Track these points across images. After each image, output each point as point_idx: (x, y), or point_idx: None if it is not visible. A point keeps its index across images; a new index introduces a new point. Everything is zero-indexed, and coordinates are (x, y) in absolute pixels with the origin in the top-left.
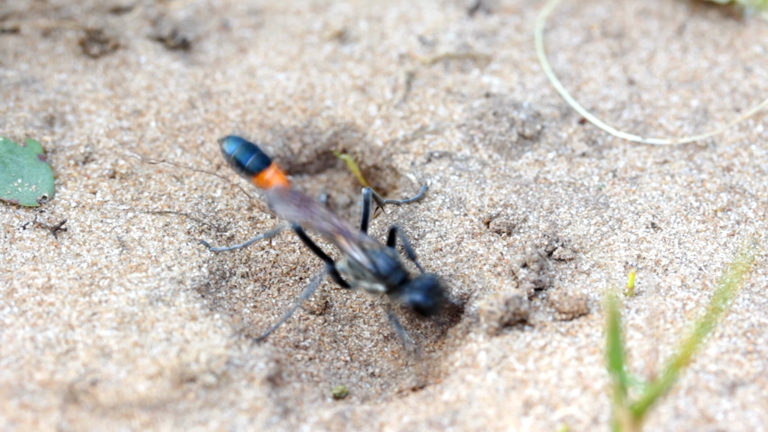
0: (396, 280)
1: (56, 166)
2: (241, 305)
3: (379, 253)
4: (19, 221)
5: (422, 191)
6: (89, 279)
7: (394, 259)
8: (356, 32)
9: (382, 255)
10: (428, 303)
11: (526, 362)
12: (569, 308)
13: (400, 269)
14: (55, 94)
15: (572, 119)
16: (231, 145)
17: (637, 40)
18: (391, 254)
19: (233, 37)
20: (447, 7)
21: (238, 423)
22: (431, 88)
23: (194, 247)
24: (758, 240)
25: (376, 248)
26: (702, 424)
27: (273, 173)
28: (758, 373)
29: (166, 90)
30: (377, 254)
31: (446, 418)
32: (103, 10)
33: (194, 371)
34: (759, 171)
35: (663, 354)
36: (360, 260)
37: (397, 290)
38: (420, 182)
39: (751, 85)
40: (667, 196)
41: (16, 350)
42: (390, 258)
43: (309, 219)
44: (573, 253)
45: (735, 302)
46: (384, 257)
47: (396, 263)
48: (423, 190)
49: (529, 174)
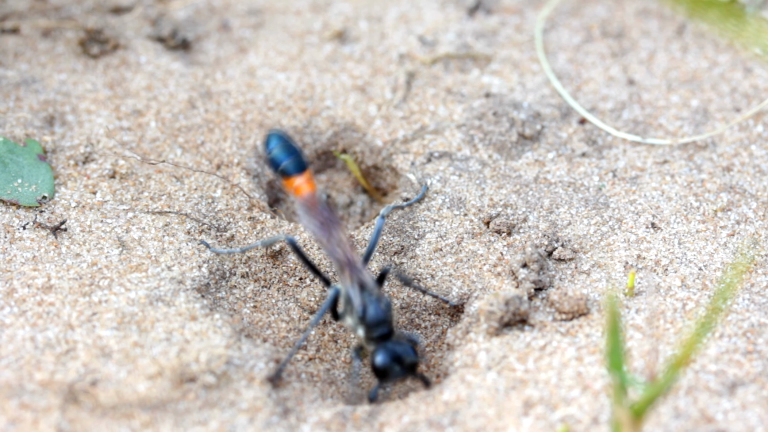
0: (376, 333)
1: (56, 166)
2: (241, 305)
3: (374, 300)
4: (19, 221)
5: (423, 191)
6: (89, 279)
7: (385, 313)
8: (356, 32)
9: (375, 304)
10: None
11: (526, 362)
12: (569, 308)
13: (385, 325)
14: (55, 94)
15: (572, 119)
16: (272, 141)
17: (637, 40)
18: (384, 306)
19: (233, 37)
20: (447, 7)
21: (238, 423)
22: (431, 88)
23: (194, 247)
24: (758, 240)
25: (375, 295)
26: (702, 424)
27: (303, 181)
28: (758, 373)
29: (166, 90)
30: (372, 301)
31: (446, 418)
32: (103, 10)
33: (194, 371)
34: (759, 171)
35: (663, 354)
36: (353, 299)
37: (373, 342)
38: (420, 182)
39: (751, 85)
40: (667, 196)
41: (16, 350)
42: (381, 310)
43: (325, 241)
44: (573, 253)
45: (735, 302)
46: (376, 307)
47: (384, 318)
48: (423, 190)
49: (529, 174)
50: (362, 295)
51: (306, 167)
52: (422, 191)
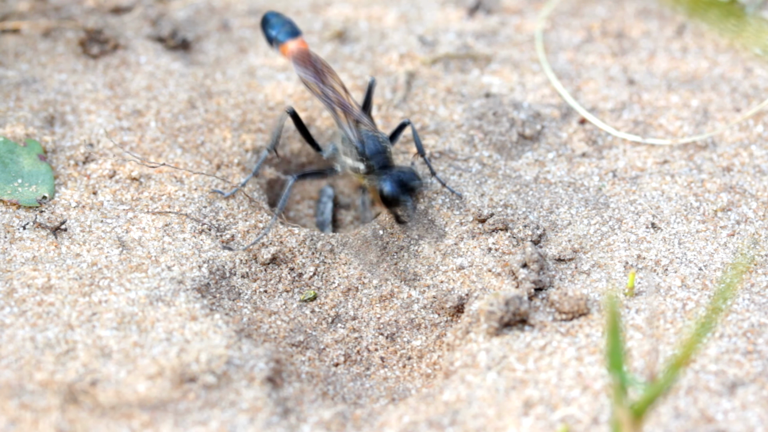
0: (377, 163)
1: (56, 166)
2: (241, 305)
3: (371, 135)
4: (19, 221)
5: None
6: (89, 279)
7: (382, 144)
8: (356, 32)
9: (372, 137)
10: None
11: (526, 362)
12: (569, 308)
13: (383, 154)
14: (55, 94)
15: (572, 119)
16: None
17: (637, 40)
18: (381, 139)
19: (233, 37)
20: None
21: (238, 423)
22: (431, 88)
23: (194, 246)
24: (758, 240)
25: (370, 130)
26: (702, 424)
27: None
28: (758, 373)
29: (166, 90)
30: (368, 135)
31: (446, 418)
32: (103, 10)
33: (194, 371)
34: (759, 171)
35: (663, 354)
36: (351, 136)
37: (375, 174)
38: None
39: (751, 85)
40: (667, 196)
41: (16, 350)
42: (379, 142)
43: (319, 83)
44: (573, 253)
45: (735, 302)
46: (373, 140)
47: (382, 147)
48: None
49: (529, 174)
50: (359, 132)
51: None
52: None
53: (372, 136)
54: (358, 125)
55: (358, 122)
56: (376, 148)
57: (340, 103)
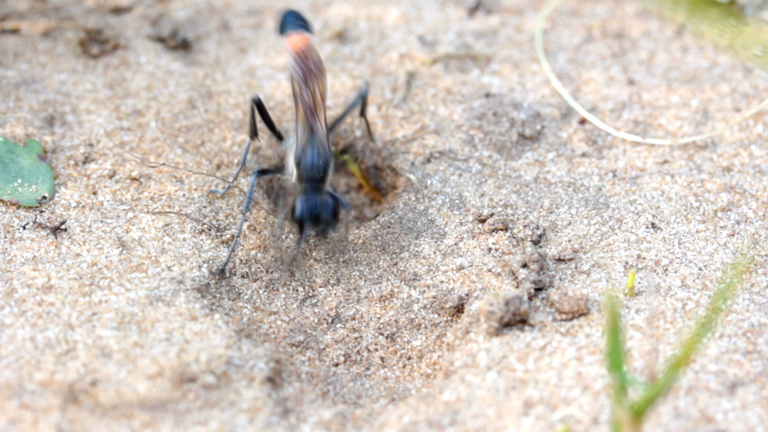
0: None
1: (56, 166)
2: (241, 305)
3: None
4: (19, 221)
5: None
6: (89, 279)
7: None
8: (356, 32)
9: (314, 154)
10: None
11: (526, 362)
12: (569, 308)
13: (315, 176)
14: (55, 94)
15: (572, 119)
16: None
17: (637, 40)
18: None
19: (233, 37)
20: (447, 7)
21: (238, 423)
22: (431, 88)
23: (194, 246)
24: (758, 240)
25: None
26: (702, 424)
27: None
28: (758, 373)
29: (166, 90)
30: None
31: (446, 418)
32: (103, 10)
33: (194, 371)
34: (759, 171)
35: (663, 354)
36: (298, 140)
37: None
38: (420, 182)
39: (751, 85)
40: (667, 196)
41: (16, 350)
42: (318, 162)
43: (302, 85)
44: (573, 253)
45: (735, 302)
46: (314, 157)
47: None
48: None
49: (529, 174)
50: (308, 139)
51: (307, 29)
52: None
53: (315, 154)
54: (313, 133)
55: (313, 131)
56: (310, 167)
57: (306, 107)
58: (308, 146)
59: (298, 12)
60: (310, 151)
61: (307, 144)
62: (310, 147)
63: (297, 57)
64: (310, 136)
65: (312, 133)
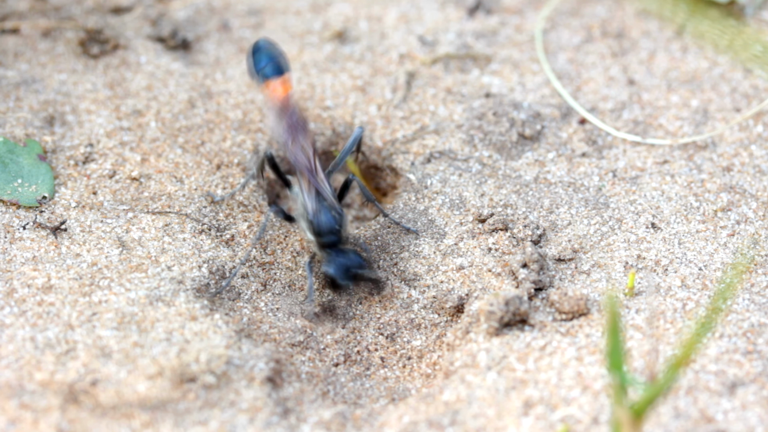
0: (326, 241)
1: (56, 166)
2: (241, 305)
3: (327, 210)
4: (19, 221)
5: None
6: (89, 279)
7: (337, 223)
8: (356, 32)
9: (327, 213)
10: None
11: (526, 362)
12: (569, 308)
13: (335, 234)
14: (55, 94)
15: (572, 119)
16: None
17: (637, 40)
18: (336, 216)
19: (233, 37)
20: (447, 7)
21: (238, 423)
22: (431, 88)
23: (194, 246)
24: (758, 240)
25: (329, 204)
26: (702, 424)
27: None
28: (758, 373)
29: (166, 90)
30: (325, 210)
31: (446, 418)
32: (103, 10)
33: (194, 371)
34: (759, 171)
35: (663, 354)
36: (307, 206)
37: (323, 250)
38: (420, 182)
39: (751, 85)
40: (667, 196)
41: (16, 350)
42: (333, 220)
43: (289, 144)
44: (573, 253)
45: (735, 302)
46: (327, 216)
47: (335, 227)
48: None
49: (529, 174)
50: (316, 202)
51: (284, 71)
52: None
53: (327, 213)
54: (319, 195)
55: (319, 192)
56: (327, 227)
57: (307, 169)
58: (319, 210)
59: (270, 43)
60: (323, 215)
61: (318, 208)
62: (321, 210)
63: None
64: (317, 198)
65: (318, 193)
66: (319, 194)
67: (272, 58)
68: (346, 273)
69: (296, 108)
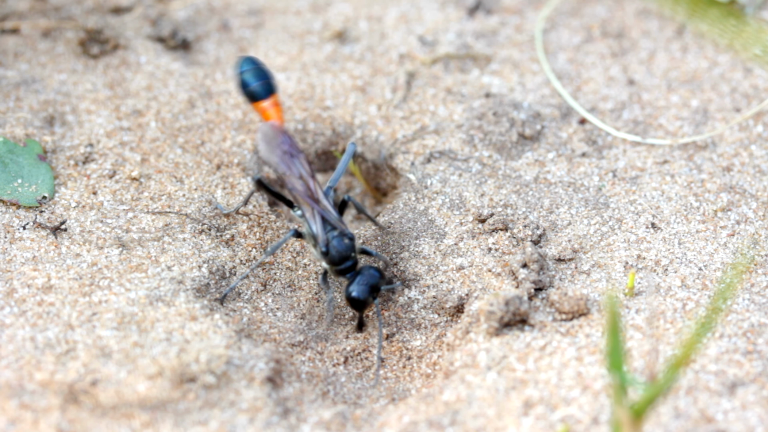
0: (341, 267)
1: (56, 166)
2: (241, 305)
3: (339, 238)
4: (19, 221)
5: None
6: (89, 279)
7: (351, 249)
8: (356, 32)
9: (339, 242)
10: (362, 300)
11: (526, 362)
12: (569, 308)
13: (349, 259)
14: (55, 94)
15: (572, 119)
16: (245, 64)
17: (637, 40)
18: (348, 242)
19: (233, 37)
20: (447, 7)
21: (238, 423)
22: (431, 88)
23: (194, 246)
24: (758, 240)
25: (338, 229)
26: (702, 424)
27: (269, 105)
28: (758, 373)
29: (166, 90)
30: (337, 239)
31: (446, 418)
32: (103, 10)
33: (194, 371)
34: (759, 171)
35: (663, 354)
36: (317, 235)
37: (339, 275)
38: (420, 182)
39: (751, 85)
40: (667, 196)
41: (16, 350)
42: (345, 246)
43: (286, 172)
44: (573, 253)
45: (735, 302)
46: (340, 245)
47: (347, 254)
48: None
49: (529, 174)
50: (325, 231)
51: (274, 92)
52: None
53: (338, 237)
54: (325, 220)
55: (325, 217)
56: (340, 253)
57: (309, 197)
58: (330, 239)
59: (257, 62)
60: (335, 244)
61: (328, 237)
62: (332, 239)
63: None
64: (324, 224)
65: (324, 219)
66: (325, 220)
67: (260, 78)
68: (370, 293)
69: (288, 133)
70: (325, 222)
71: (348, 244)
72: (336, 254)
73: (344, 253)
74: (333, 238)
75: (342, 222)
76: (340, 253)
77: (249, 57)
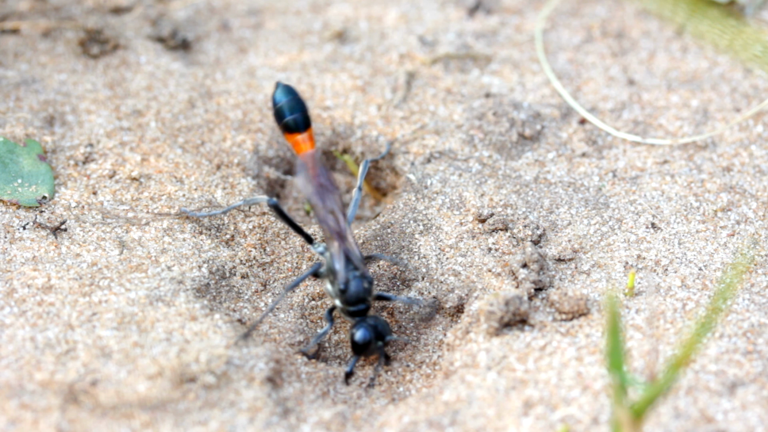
0: (354, 309)
1: (56, 166)
2: (241, 305)
3: (357, 276)
4: (19, 221)
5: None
6: (89, 279)
7: (366, 291)
8: (356, 32)
9: (359, 283)
10: (365, 345)
11: (526, 362)
12: (569, 308)
13: (364, 302)
14: (55, 94)
15: (572, 119)
16: (281, 95)
17: (637, 40)
18: (367, 286)
19: (233, 37)
20: (447, 7)
21: (238, 423)
22: (431, 88)
23: (194, 246)
24: (758, 240)
25: (359, 270)
26: (702, 424)
27: (306, 139)
28: (758, 373)
29: (166, 90)
30: (354, 276)
31: (446, 418)
32: (103, 10)
33: (194, 371)
34: (759, 171)
35: (663, 354)
36: (338, 271)
37: (349, 315)
38: (420, 182)
39: (751, 85)
40: (667, 196)
41: (16, 350)
42: (363, 288)
43: (320, 207)
44: (573, 253)
45: (735, 302)
46: (358, 286)
47: (363, 296)
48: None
49: (529, 174)
50: (346, 269)
51: (309, 125)
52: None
53: (358, 278)
54: (348, 258)
55: (349, 255)
56: (357, 294)
57: (337, 233)
58: (350, 279)
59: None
60: (354, 285)
61: (349, 276)
62: (352, 279)
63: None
64: (347, 264)
65: (348, 258)
66: (348, 258)
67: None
68: (377, 339)
69: (325, 167)
70: (348, 261)
71: (367, 288)
72: (353, 295)
73: (361, 296)
74: (354, 278)
75: (364, 264)
76: (357, 294)
77: (286, 86)
